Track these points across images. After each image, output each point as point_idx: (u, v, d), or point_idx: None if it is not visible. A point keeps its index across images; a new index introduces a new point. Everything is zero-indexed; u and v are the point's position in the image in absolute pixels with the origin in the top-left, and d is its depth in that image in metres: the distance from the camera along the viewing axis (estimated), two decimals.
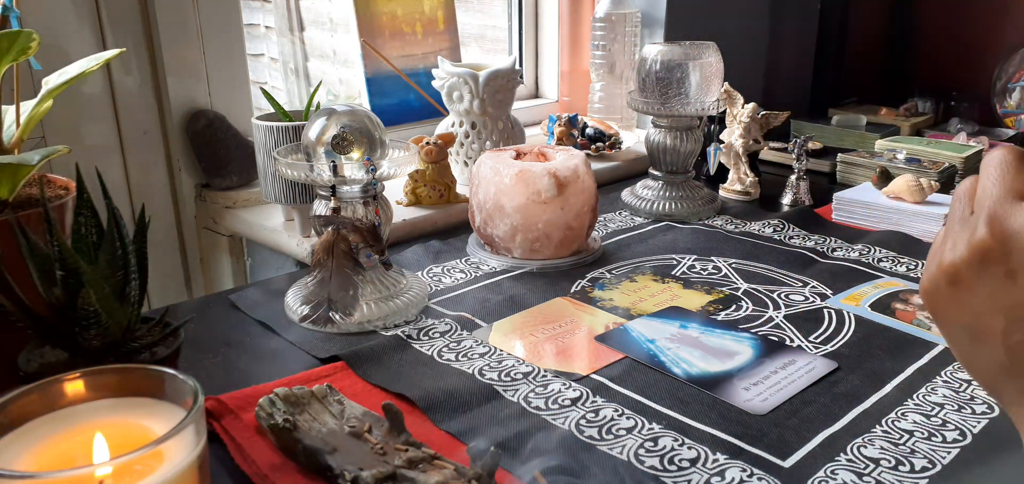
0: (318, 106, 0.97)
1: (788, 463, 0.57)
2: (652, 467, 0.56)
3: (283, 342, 0.75)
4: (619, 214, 1.14)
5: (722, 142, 1.21)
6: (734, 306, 0.83)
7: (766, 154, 1.39)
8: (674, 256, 0.97)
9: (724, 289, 0.88)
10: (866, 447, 0.59)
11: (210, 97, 1.06)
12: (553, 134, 1.35)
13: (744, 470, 0.56)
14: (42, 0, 0.91)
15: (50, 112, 0.69)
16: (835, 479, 0.55)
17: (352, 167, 0.78)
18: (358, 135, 0.78)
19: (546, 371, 0.69)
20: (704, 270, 0.93)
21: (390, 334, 0.75)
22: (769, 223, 1.08)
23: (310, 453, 0.54)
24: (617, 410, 0.63)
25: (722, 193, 1.22)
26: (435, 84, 1.15)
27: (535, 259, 0.93)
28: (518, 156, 0.96)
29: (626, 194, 1.17)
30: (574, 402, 0.64)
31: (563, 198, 0.90)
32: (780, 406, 0.64)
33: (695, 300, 0.85)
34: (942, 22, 1.90)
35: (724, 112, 1.19)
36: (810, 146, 1.28)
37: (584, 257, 0.95)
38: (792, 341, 0.75)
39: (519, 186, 0.89)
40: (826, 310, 0.82)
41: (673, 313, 0.81)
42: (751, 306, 0.83)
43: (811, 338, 0.76)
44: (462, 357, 0.72)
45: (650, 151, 1.14)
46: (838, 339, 0.76)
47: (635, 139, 1.45)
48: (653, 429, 0.61)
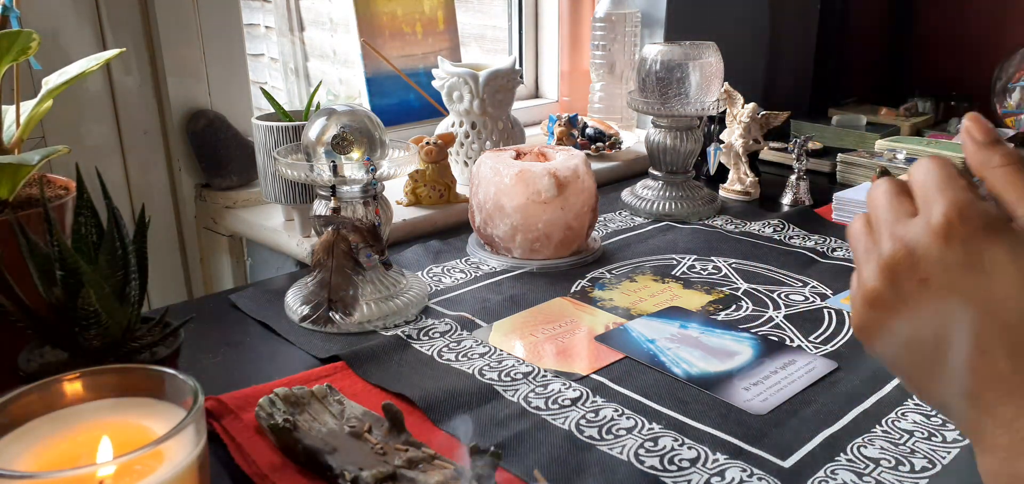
0: (318, 106, 0.97)
1: (788, 463, 0.57)
2: (652, 467, 0.56)
3: (283, 342, 0.75)
4: (619, 214, 1.14)
5: (722, 142, 1.21)
6: (734, 306, 0.83)
7: (766, 154, 1.39)
8: (674, 256, 0.97)
9: (724, 289, 0.88)
10: (866, 447, 0.59)
11: (210, 97, 1.06)
12: (553, 134, 1.35)
13: (744, 470, 0.56)
14: (42, 0, 0.91)
15: (50, 112, 0.69)
16: (835, 479, 0.55)
17: (352, 167, 0.78)
18: (358, 135, 0.78)
19: (546, 371, 0.69)
20: (704, 270, 0.93)
21: (390, 334, 0.75)
22: (769, 223, 1.08)
23: (310, 453, 0.54)
24: (617, 410, 0.63)
25: (722, 193, 1.22)
26: (435, 84, 1.15)
27: (535, 259, 0.93)
28: (518, 156, 0.96)
29: (626, 194, 1.17)
30: (574, 402, 0.64)
31: (563, 198, 0.90)
32: (780, 406, 0.64)
33: (695, 300, 0.85)
34: (942, 22, 1.90)
35: (724, 112, 1.19)
36: (810, 146, 1.28)
37: (584, 257, 0.95)
38: (792, 341, 0.75)
39: (519, 186, 0.89)
40: (826, 310, 0.82)
41: (673, 313, 0.81)
42: (751, 306, 0.83)
43: (811, 338, 0.76)
44: (462, 357, 0.72)
45: (650, 151, 1.14)
46: (838, 339, 0.76)
47: (635, 139, 1.45)
48: (653, 429, 0.61)
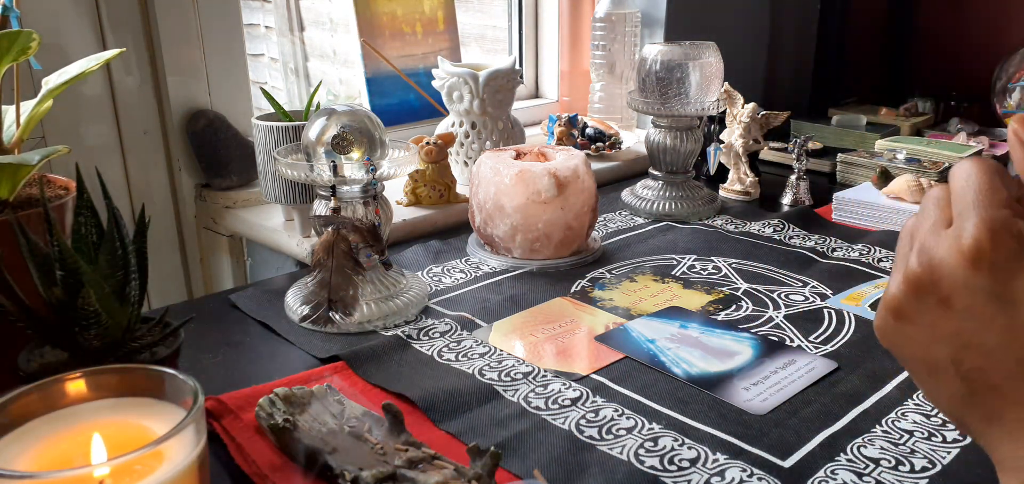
0: (318, 106, 0.97)
1: (788, 463, 0.57)
2: (652, 467, 0.56)
3: (283, 342, 0.75)
4: (619, 214, 1.14)
5: (722, 142, 1.21)
6: (734, 306, 0.83)
7: (766, 154, 1.39)
8: (674, 256, 0.97)
9: (724, 289, 0.88)
10: (866, 447, 0.59)
11: (210, 97, 1.06)
12: (553, 134, 1.35)
13: (744, 470, 0.56)
14: (42, 0, 0.91)
15: (50, 112, 0.69)
16: (835, 479, 0.55)
17: (352, 167, 0.78)
18: (358, 135, 0.78)
19: (546, 371, 0.69)
20: (704, 270, 0.93)
21: (390, 334, 0.75)
22: (769, 223, 1.08)
23: (310, 453, 0.54)
24: (617, 410, 0.63)
25: (722, 193, 1.22)
26: (435, 84, 1.15)
27: (535, 259, 0.93)
28: (518, 156, 0.96)
29: (626, 194, 1.17)
30: (574, 402, 0.64)
31: (563, 198, 0.90)
32: (780, 406, 0.64)
33: (695, 300, 0.85)
34: (942, 22, 1.90)
35: (724, 112, 1.19)
36: (810, 146, 1.28)
37: (584, 257, 0.95)
38: (792, 341, 0.75)
39: (519, 186, 0.89)
40: (826, 310, 0.82)
41: (673, 313, 0.81)
42: (751, 306, 0.83)
43: (811, 338, 0.76)
44: (462, 357, 0.72)
45: (650, 151, 1.14)
46: (838, 339, 0.76)
47: (635, 139, 1.45)
48: (653, 429, 0.61)
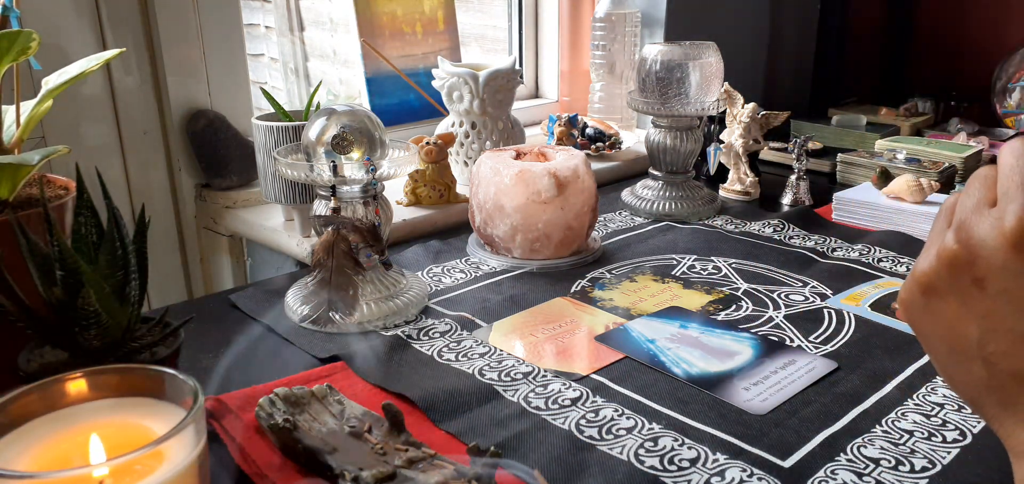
0: (318, 106, 0.97)
1: (788, 463, 0.57)
2: (652, 467, 0.56)
3: (283, 342, 0.75)
4: (619, 214, 1.14)
5: (722, 142, 1.21)
6: (734, 306, 0.83)
7: (766, 154, 1.39)
8: (674, 256, 0.97)
9: (724, 289, 0.88)
10: (866, 447, 0.59)
11: (210, 97, 1.06)
12: (553, 134, 1.35)
13: (744, 470, 0.56)
14: (42, 0, 0.91)
15: (50, 112, 0.69)
16: (835, 479, 0.55)
17: (352, 167, 0.78)
18: (358, 135, 0.78)
19: (546, 371, 0.69)
20: (704, 270, 0.93)
21: (390, 334, 0.75)
22: (769, 223, 1.08)
23: (310, 453, 0.54)
24: (617, 410, 0.63)
25: (722, 193, 1.22)
26: (435, 84, 1.15)
27: (535, 259, 0.93)
28: (518, 156, 0.96)
29: (626, 194, 1.17)
30: (574, 402, 0.64)
31: (563, 198, 0.90)
32: (780, 406, 0.64)
33: (695, 300, 0.85)
34: (942, 22, 1.90)
35: (724, 112, 1.19)
36: (810, 146, 1.28)
37: (584, 257, 0.95)
38: (792, 341, 0.75)
39: (519, 186, 0.89)
40: (826, 310, 0.82)
41: (673, 313, 0.81)
42: (751, 306, 0.83)
43: (811, 338, 0.76)
44: (462, 357, 0.72)
45: (650, 151, 1.14)
46: (838, 339, 0.76)
47: (635, 139, 1.45)
48: (653, 429, 0.61)
